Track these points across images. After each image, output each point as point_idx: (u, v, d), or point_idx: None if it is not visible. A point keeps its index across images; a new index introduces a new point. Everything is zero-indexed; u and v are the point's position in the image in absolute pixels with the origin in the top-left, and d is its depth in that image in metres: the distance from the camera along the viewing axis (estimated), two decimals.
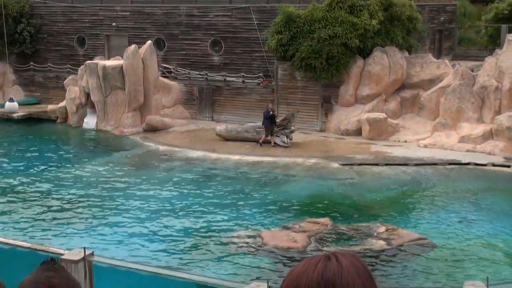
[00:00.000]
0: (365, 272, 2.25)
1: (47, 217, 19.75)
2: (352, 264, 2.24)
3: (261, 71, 32.33)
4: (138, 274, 10.87)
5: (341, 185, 23.13)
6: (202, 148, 27.74)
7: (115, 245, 17.54)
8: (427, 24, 34.76)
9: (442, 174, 23.92)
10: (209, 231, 18.56)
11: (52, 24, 38.37)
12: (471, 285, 9.60)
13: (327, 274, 2.20)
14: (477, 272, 15.27)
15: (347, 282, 2.19)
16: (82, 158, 27.45)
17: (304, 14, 29.97)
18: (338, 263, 2.23)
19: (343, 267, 2.22)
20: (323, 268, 2.22)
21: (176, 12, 34.68)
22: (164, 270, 11.75)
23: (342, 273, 2.21)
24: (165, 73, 34.19)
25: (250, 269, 15.93)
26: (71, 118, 33.11)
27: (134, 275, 10.89)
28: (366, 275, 2.25)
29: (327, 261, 2.23)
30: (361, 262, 2.28)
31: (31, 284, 2.52)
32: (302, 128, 29.57)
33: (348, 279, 2.20)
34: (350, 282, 2.20)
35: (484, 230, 18.52)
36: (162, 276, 10.77)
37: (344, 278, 2.20)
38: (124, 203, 21.09)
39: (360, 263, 2.26)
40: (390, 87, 30.02)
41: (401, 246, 16.96)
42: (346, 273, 2.21)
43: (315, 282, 2.20)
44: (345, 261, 2.24)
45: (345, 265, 2.22)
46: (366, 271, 2.26)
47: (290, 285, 2.25)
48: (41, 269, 2.57)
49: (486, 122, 27.05)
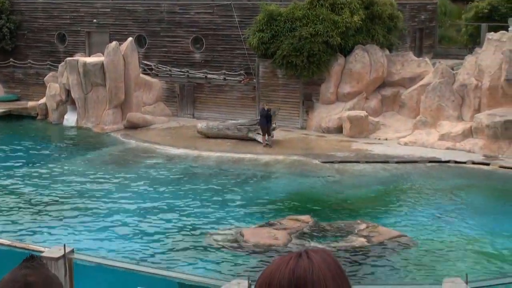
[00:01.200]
0: (336, 268, 2.26)
1: (27, 214, 19.64)
2: (323, 260, 2.25)
3: (243, 68, 32.32)
4: (118, 272, 10.85)
5: (322, 183, 23.20)
6: (183, 146, 27.70)
7: (96, 242, 17.48)
8: (408, 22, 34.92)
9: (422, 172, 24.04)
10: (190, 228, 18.55)
11: (32, 21, 38.11)
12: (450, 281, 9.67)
13: (298, 271, 2.22)
14: (456, 269, 15.37)
15: (318, 278, 2.21)
16: (62, 155, 27.32)
17: (286, 12, 30.00)
18: (309, 260, 2.24)
19: (314, 263, 2.23)
20: (294, 265, 2.23)
21: (158, 9, 34.59)
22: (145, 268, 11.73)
23: (313, 270, 2.22)
24: (146, 70, 34.09)
25: (231, 266, 15.94)
26: (52, 115, 32.94)
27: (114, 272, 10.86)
28: (338, 270, 2.26)
29: (298, 258, 2.25)
30: (333, 258, 2.29)
31: (8, 283, 2.51)
32: (283, 125, 29.60)
33: (319, 275, 2.21)
34: (321, 278, 2.21)
35: (464, 227, 18.65)
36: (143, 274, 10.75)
37: (315, 275, 2.21)
38: (105, 201, 21.01)
39: (332, 259, 2.27)
40: (371, 85, 30.13)
41: (382, 243, 17.04)
42: (317, 270, 2.22)
43: (287, 279, 2.21)
44: (316, 257, 2.25)
45: (316, 261, 2.24)
46: (338, 266, 2.27)
47: (263, 283, 2.27)
48: (19, 267, 2.55)
49: (466, 120, 27.22)
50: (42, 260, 2.72)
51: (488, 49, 27.08)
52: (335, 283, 2.23)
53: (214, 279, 11.50)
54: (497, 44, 26.66)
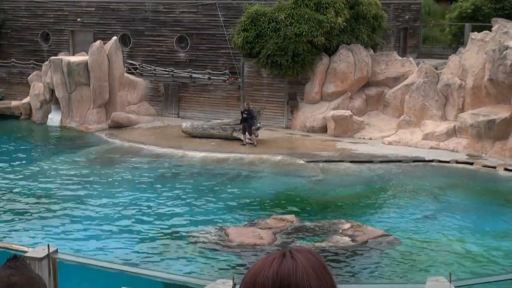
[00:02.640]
0: (320, 267, 2.26)
1: (10, 214, 19.54)
2: (307, 259, 2.25)
3: (227, 68, 32.31)
4: (103, 272, 10.82)
5: (306, 182, 23.22)
6: (168, 145, 27.65)
7: (80, 242, 17.42)
8: (392, 22, 35.06)
9: (406, 171, 24.13)
10: (174, 228, 18.53)
11: (15, 19, 37.91)
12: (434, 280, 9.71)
13: (282, 271, 2.22)
14: (440, 268, 15.45)
15: (302, 279, 2.21)
16: (46, 155, 27.20)
17: (270, 11, 30.01)
18: (293, 260, 2.24)
19: (298, 263, 2.23)
20: (278, 265, 2.24)
21: (142, 8, 34.51)
22: (129, 268, 11.71)
23: (296, 269, 2.22)
24: (131, 70, 34.00)
25: (216, 266, 15.94)
26: (35, 114, 32.79)
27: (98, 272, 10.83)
28: (322, 270, 2.26)
29: (282, 258, 2.25)
30: (317, 257, 2.29)
31: None
32: (268, 125, 29.61)
33: (303, 275, 2.21)
34: (305, 278, 2.21)
35: (448, 226, 18.74)
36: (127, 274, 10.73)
37: (298, 275, 2.21)
38: (89, 201, 20.94)
39: (316, 258, 2.27)
40: (355, 85, 30.21)
41: (366, 242, 17.09)
42: (301, 270, 2.22)
43: (271, 279, 2.22)
44: (300, 257, 2.25)
45: (300, 261, 2.24)
46: (322, 266, 2.27)
47: (247, 283, 2.27)
48: (2, 267, 2.54)
49: (449, 119, 27.35)
50: (26, 260, 2.71)
51: (471, 49, 27.22)
52: (319, 283, 2.23)
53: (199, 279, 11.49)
54: (480, 44, 26.80)
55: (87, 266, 10.98)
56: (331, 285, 2.28)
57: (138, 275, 10.78)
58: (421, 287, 9.50)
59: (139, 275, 10.78)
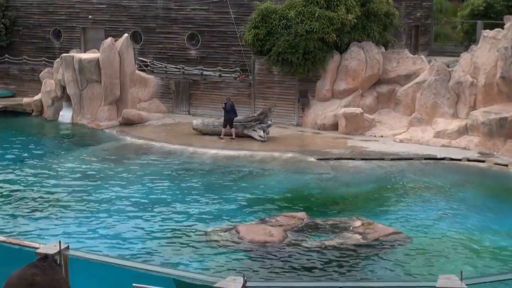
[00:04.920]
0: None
1: (22, 210, 19.60)
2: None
3: (238, 65, 32.31)
4: (114, 268, 10.83)
5: (317, 180, 23.19)
6: (179, 142, 27.67)
7: (91, 239, 17.47)
8: (404, 19, 34.95)
9: (417, 169, 24.06)
10: (185, 225, 18.53)
11: (27, 17, 38.04)
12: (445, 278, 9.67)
13: None
14: (451, 266, 15.40)
15: None
16: (57, 152, 27.27)
17: (281, 9, 29.97)
18: None
19: None
20: None
21: (153, 5, 34.55)
22: (140, 264, 11.72)
23: None
24: (142, 67, 34.05)
25: (226, 263, 15.94)
26: (47, 111, 32.88)
27: (110, 269, 10.85)
28: None
29: None
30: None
31: (15, 279, 2.54)
32: (279, 122, 29.60)
33: None
34: None
35: (459, 224, 18.68)
36: (138, 270, 10.74)
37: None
38: (100, 197, 20.99)
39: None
40: (366, 82, 30.14)
41: (377, 240, 17.05)
42: None
43: None
44: None
45: None
46: None
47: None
48: (30, 266, 2.58)
49: (461, 117, 27.25)
50: (56, 261, 2.75)
51: (483, 47, 27.10)
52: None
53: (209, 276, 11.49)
54: (492, 42, 26.68)
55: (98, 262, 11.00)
56: None
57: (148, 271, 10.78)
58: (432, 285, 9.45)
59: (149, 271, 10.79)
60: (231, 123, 28.07)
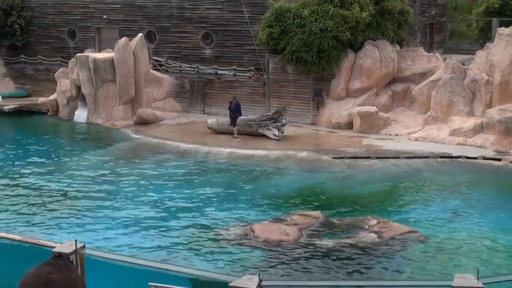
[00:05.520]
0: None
1: (38, 210, 19.69)
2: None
3: (252, 64, 32.30)
4: (129, 267, 10.85)
5: (332, 178, 23.15)
6: (194, 141, 27.70)
7: (107, 238, 17.51)
8: (418, 17, 34.81)
9: (433, 168, 23.97)
10: (200, 224, 18.55)
11: (42, 17, 38.19)
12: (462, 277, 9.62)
13: None
14: (467, 265, 15.33)
15: None
16: (73, 151, 27.37)
17: (295, 7, 29.93)
18: None
19: None
20: None
21: (167, 4, 34.59)
22: (155, 263, 11.74)
23: None
24: (156, 66, 34.10)
25: (242, 262, 15.94)
26: (62, 111, 33.00)
27: (125, 268, 10.88)
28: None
29: None
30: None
31: (31, 277, 2.54)
32: (293, 121, 29.58)
33: None
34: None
35: (475, 223, 18.59)
36: (154, 270, 10.76)
37: None
38: (115, 196, 21.04)
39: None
40: (381, 81, 30.04)
41: (392, 239, 16.99)
42: None
43: None
44: None
45: None
46: None
47: None
48: (45, 264, 2.58)
49: (477, 115, 27.11)
50: (70, 260, 2.75)
51: (499, 44, 26.95)
52: None
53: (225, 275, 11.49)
54: (508, 39, 26.53)
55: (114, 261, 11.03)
56: None
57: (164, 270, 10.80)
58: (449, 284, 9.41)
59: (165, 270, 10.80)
60: (235, 122, 28.23)
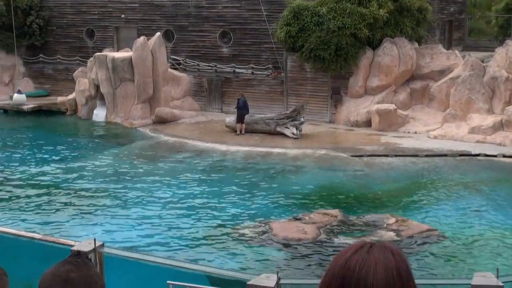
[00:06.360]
0: (396, 269, 2.11)
1: (58, 208, 19.80)
2: (384, 257, 2.12)
3: (270, 62, 32.28)
4: (148, 265, 10.89)
5: (350, 176, 23.10)
6: (212, 140, 27.75)
7: (125, 236, 17.58)
8: (437, 14, 34.60)
9: (452, 165, 23.85)
10: (218, 222, 18.57)
11: (61, 16, 38.39)
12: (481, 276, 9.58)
13: (349, 263, 2.12)
14: (486, 263, 15.24)
15: (365, 275, 2.08)
16: (91, 150, 27.50)
17: (312, 5, 29.89)
18: (367, 254, 2.13)
19: (370, 259, 2.11)
20: (349, 256, 2.14)
21: (185, 3, 34.64)
22: (174, 262, 11.77)
23: (364, 265, 2.10)
24: (174, 65, 34.18)
25: (260, 261, 15.94)
26: (81, 110, 33.17)
27: (144, 266, 10.91)
28: (396, 273, 2.11)
29: (358, 249, 2.14)
30: (397, 258, 2.13)
31: (50, 275, 2.55)
32: (311, 119, 29.54)
33: (368, 272, 2.09)
34: (370, 276, 2.09)
35: (494, 221, 18.47)
36: (172, 268, 10.78)
37: (363, 271, 2.09)
38: (134, 195, 21.12)
39: (394, 259, 2.13)
40: (399, 78, 29.93)
41: (411, 237, 16.93)
42: (368, 266, 2.10)
43: (338, 269, 2.14)
44: (376, 253, 2.13)
45: (373, 257, 2.11)
46: (398, 268, 2.12)
47: (329, 268, 2.20)
48: (63, 262, 2.59)
49: (496, 113, 26.95)
50: (88, 257, 2.75)
51: None
52: (387, 285, 2.09)
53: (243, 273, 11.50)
54: None
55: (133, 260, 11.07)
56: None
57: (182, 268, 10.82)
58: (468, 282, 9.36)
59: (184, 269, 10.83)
60: (242, 119, 28.50)
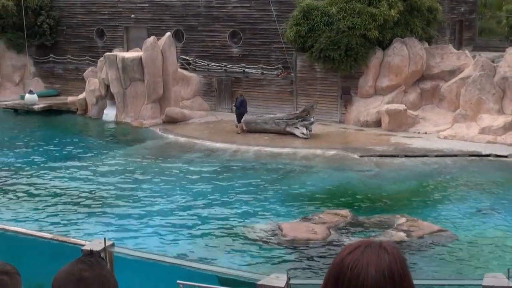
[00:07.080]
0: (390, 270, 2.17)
1: (68, 208, 19.85)
2: (376, 257, 2.19)
3: (280, 62, 32.26)
4: (158, 265, 10.91)
5: (360, 177, 23.06)
6: (222, 140, 27.76)
7: (135, 236, 17.60)
8: (447, 14, 34.51)
9: (462, 166, 23.78)
10: (228, 222, 18.58)
11: (71, 16, 38.49)
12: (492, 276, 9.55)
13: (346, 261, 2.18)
14: (497, 264, 15.19)
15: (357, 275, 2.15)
16: (102, 150, 27.55)
17: (322, 5, 29.86)
18: (361, 254, 2.19)
19: (363, 258, 2.17)
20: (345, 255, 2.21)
21: (195, 3, 34.66)
22: (184, 261, 11.78)
23: (357, 264, 2.17)
24: (184, 65, 34.21)
25: (270, 261, 15.94)
26: (91, 110, 33.24)
27: (154, 266, 10.93)
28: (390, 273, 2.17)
29: (354, 248, 2.20)
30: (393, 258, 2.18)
31: (63, 274, 2.56)
32: (321, 119, 29.50)
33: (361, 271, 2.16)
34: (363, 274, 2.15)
35: (505, 221, 18.40)
36: (182, 267, 10.80)
37: (356, 270, 2.16)
38: (144, 195, 21.15)
39: (389, 259, 2.18)
40: (409, 78, 29.85)
41: (421, 237, 16.89)
42: (361, 265, 2.16)
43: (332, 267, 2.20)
44: (369, 252, 2.19)
45: (366, 257, 2.17)
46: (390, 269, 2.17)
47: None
48: (77, 261, 2.60)
49: (507, 113, 26.85)
50: (101, 257, 2.75)
51: None
52: (378, 285, 2.14)
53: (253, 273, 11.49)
54: None
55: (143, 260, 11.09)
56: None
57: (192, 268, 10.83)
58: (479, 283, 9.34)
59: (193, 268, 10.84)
60: (239, 118, 28.87)
